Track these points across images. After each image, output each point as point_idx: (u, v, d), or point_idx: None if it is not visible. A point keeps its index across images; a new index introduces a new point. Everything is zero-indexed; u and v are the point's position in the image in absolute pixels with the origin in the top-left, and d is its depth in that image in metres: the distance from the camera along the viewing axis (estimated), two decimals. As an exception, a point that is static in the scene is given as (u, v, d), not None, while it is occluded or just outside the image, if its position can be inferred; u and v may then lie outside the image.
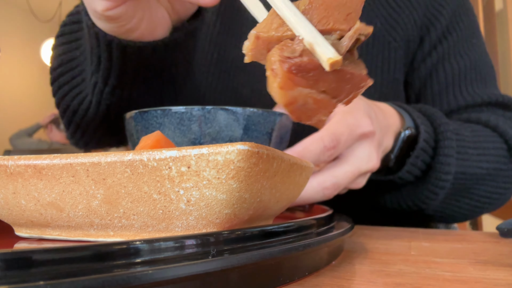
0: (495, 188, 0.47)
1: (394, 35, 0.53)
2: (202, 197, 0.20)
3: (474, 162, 0.44)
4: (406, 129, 0.41)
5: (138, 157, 0.19)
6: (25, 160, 0.21)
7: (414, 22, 0.53)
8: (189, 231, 0.21)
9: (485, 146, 0.46)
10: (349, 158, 0.36)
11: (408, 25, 0.53)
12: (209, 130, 0.30)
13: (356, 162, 0.36)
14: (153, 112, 0.31)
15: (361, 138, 0.36)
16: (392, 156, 0.42)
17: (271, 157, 0.20)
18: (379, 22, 0.53)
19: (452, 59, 0.53)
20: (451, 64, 0.53)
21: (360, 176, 0.37)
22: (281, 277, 0.20)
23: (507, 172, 0.47)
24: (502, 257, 0.27)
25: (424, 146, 0.41)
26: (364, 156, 0.37)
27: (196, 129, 0.30)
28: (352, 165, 0.36)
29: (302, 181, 0.27)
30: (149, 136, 0.26)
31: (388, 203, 0.47)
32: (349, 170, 0.36)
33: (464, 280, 0.22)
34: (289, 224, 0.22)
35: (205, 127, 0.30)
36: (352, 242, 0.32)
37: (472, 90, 0.53)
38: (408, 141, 0.41)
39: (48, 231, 0.23)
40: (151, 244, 0.16)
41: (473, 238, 0.36)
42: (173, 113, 0.30)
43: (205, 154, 0.19)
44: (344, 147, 0.35)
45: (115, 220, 0.21)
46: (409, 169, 0.42)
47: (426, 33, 0.54)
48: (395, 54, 0.53)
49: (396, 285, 0.21)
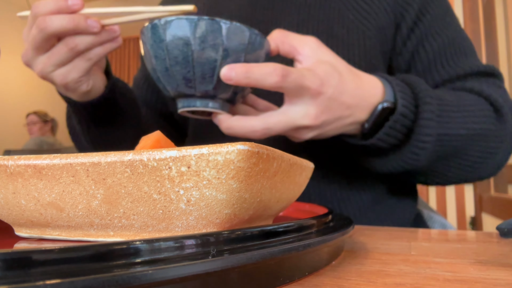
0: (485, 148, 0.49)
1: (367, 25, 0.56)
2: (202, 197, 0.20)
3: (458, 124, 0.46)
4: (384, 102, 0.43)
5: (138, 157, 0.19)
6: (25, 160, 0.21)
7: (384, 10, 0.57)
8: (189, 231, 0.21)
9: (469, 109, 0.48)
10: (286, 110, 0.39)
11: (379, 14, 0.56)
12: (199, 34, 0.37)
13: (291, 115, 0.39)
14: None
15: (304, 91, 0.38)
16: (366, 125, 0.44)
17: (271, 157, 0.20)
18: (351, 15, 0.56)
19: (430, 38, 0.57)
20: (430, 43, 0.56)
21: (297, 129, 0.40)
22: (281, 277, 0.20)
23: (496, 132, 0.49)
24: (502, 257, 0.27)
25: (403, 111, 0.43)
26: (301, 110, 0.39)
27: (189, 33, 0.37)
28: (287, 116, 0.39)
29: (302, 181, 0.27)
30: (149, 136, 0.26)
31: (377, 166, 0.50)
32: (282, 120, 0.39)
33: (464, 280, 0.22)
34: (289, 224, 0.22)
35: (196, 32, 0.37)
36: (352, 242, 0.32)
37: (454, 64, 0.56)
38: (384, 113, 0.43)
39: (48, 231, 0.23)
40: (151, 244, 0.16)
41: (473, 238, 0.36)
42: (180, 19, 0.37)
43: (205, 154, 0.19)
44: (288, 85, 0.37)
45: (115, 220, 0.21)
46: (387, 131, 0.44)
47: (401, 19, 0.57)
48: (370, 42, 0.56)
49: (396, 285, 0.21)
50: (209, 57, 0.37)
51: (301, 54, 0.40)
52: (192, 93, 0.40)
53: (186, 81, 0.39)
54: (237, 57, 0.38)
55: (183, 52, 0.37)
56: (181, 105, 0.41)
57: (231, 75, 0.37)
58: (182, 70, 0.38)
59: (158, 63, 0.39)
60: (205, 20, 0.37)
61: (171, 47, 0.37)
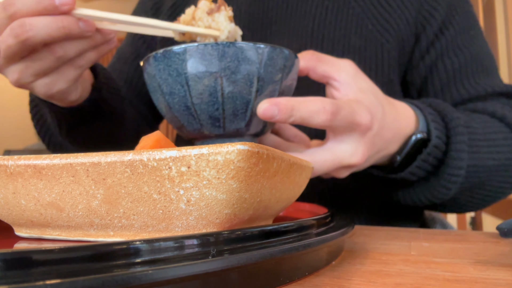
0: (507, 178, 0.46)
1: (387, 36, 0.52)
2: (202, 197, 0.20)
3: (485, 154, 0.43)
4: (418, 133, 0.41)
5: (138, 157, 0.19)
6: (25, 160, 0.21)
7: (406, 21, 0.52)
8: (189, 231, 0.21)
9: (494, 137, 0.45)
10: (332, 147, 0.36)
11: (401, 25, 0.52)
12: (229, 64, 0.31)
13: (338, 153, 0.35)
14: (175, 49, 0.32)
15: (355, 127, 0.35)
16: (398, 157, 0.41)
17: (271, 157, 0.20)
18: (370, 24, 0.52)
19: (451, 54, 0.53)
20: (450, 59, 0.53)
21: (341, 168, 0.37)
22: (281, 277, 0.20)
23: None
24: (502, 257, 0.27)
25: (437, 143, 0.41)
26: (350, 149, 0.35)
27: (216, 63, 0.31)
28: (334, 155, 0.35)
29: (302, 181, 0.27)
30: (149, 136, 0.26)
31: (401, 198, 0.47)
32: (329, 159, 0.35)
33: (464, 280, 0.22)
34: (289, 224, 0.22)
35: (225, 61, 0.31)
36: (352, 242, 0.32)
37: (475, 82, 0.52)
38: (417, 144, 0.41)
39: (48, 231, 0.23)
40: (151, 244, 0.16)
41: (473, 238, 0.36)
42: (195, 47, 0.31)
43: (205, 154, 0.19)
44: (338, 123, 0.33)
45: (115, 220, 0.21)
46: (419, 164, 0.41)
47: (422, 31, 0.53)
48: (388, 55, 0.52)
49: (396, 285, 0.21)
50: (243, 90, 0.32)
51: (337, 80, 0.36)
52: (220, 133, 0.34)
53: (213, 120, 0.33)
54: (274, 87, 0.33)
55: (210, 86, 0.31)
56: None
57: (274, 112, 0.32)
58: (209, 108, 0.32)
59: (175, 101, 0.33)
60: (235, 47, 0.31)
61: (193, 81, 0.31)
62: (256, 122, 0.34)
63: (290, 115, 0.32)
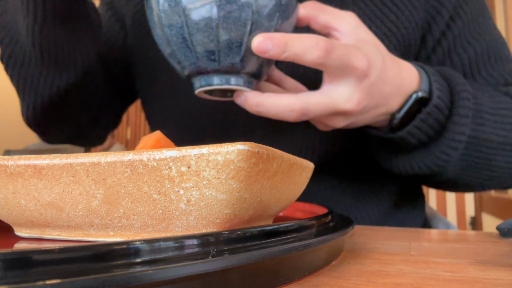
0: None
1: (393, 41, 0.47)
2: (202, 197, 0.20)
3: (490, 128, 0.42)
4: (420, 91, 0.39)
5: (138, 157, 0.19)
6: (25, 160, 0.21)
7: (415, 24, 0.47)
8: (189, 231, 0.21)
9: (503, 113, 0.43)
10: (327, 90, 0.35)
11: (409, 28, 0.47)
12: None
13: (333, 97, 0.35)
14: None
15: (351, 71, 0.34)
16: (397, 115, 0.40)
17: (271, 157, 0.20)
18: (374, 26, 0.47)
19: (459, 49, 0.49)
20: (459, 55, 0.49)
21: (335, 114, 0.36)
22: (281, 277, 0.20)
23: None
24: (502, 257, 0.27)
25: (437, 103, 0.39)
26: (345, 93, 0.35)
27: None
28: (328, 98, 0.35)
29: (302, 181, 0.27)
30: (149, 136, 0.26)
31: (400, 164, 0.45)
32: (323, 102, 0.34)
33: (464, 280, 0.22)
34: (289, 224, 0.22)
35: None
36: (352, 242, 0.32)
37: (488, 74, 0.50)
38: (418, 104, 0.39)
39: (48, 231, 0.24)
40: (151, 244, 0.16)
41: (473, 238, 0.36)
42: None
43: (205, 154, 0.19)
44: (333, 62, 0.33)
45: (115, 220, 0.21)
46: (418, 124, 0.40)
47: (427, 31, 0.49)
48: None
49: (396, 285, 0.21)
50: (237, 22, 0.32)
51: (338, 30, 0.35)
52: (215, 68, 0.34)
53: (208, 53, 0.33)
54: (270, 24, 0.33)
55: (205, 16, 0.32)
56: (199, 84, 0.35)
57: (267, 46, 0.31)
58: (205, 39, 0.32)
59: (173, 33, 0.33)
60: None
61: (189, 11, 0.32)
62: (251, 59, 0.34)
63: (283, 50, 0.32)
